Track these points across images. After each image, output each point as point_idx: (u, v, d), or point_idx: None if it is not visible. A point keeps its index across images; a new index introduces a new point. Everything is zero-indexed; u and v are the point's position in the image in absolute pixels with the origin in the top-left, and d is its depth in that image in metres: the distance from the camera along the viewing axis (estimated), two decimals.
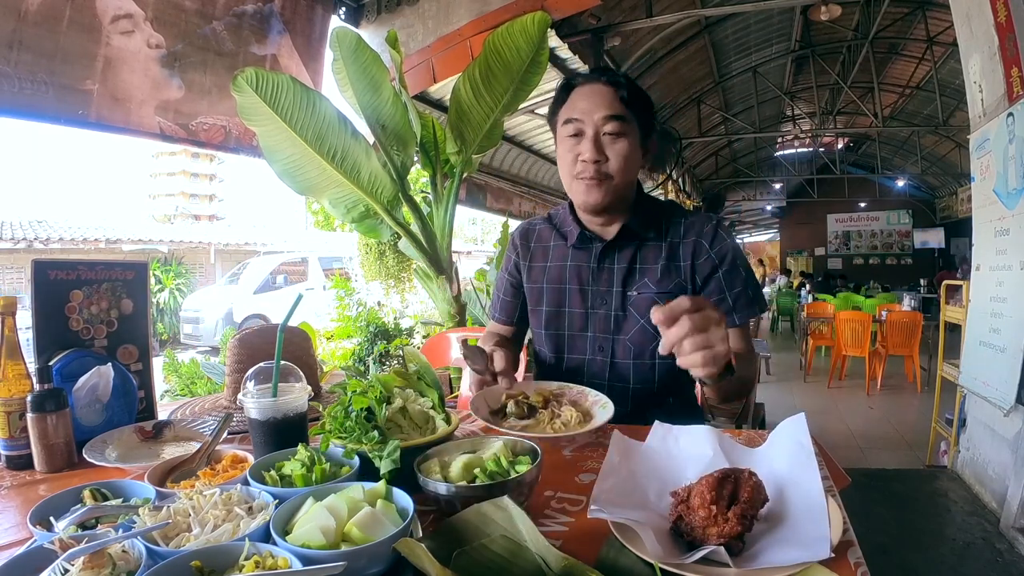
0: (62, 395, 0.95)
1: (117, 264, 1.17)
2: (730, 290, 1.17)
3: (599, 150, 1.13)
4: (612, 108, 1.13)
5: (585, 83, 1.17)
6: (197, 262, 14.35)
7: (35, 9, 2.23)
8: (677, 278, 1.19)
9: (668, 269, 1.19)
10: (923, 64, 8.08)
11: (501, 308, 1.41)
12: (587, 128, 1.14)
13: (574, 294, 1.26)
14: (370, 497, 0.63)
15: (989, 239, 2.83)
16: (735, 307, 1.17)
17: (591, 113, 1.13)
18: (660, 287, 1.19)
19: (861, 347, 5.67)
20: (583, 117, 1.14)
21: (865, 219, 15.32)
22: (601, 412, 1.00)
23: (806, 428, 0.75)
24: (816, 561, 0.54)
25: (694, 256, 1.19)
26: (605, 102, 1.13)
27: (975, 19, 2.78)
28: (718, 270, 1.17)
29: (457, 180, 2.92)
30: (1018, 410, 2.48)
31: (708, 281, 1.18)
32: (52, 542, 0.55)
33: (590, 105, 1.14)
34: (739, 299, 1.17)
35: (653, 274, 1.20)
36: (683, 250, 1.20)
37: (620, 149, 1.13)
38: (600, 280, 1.23)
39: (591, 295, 1.24)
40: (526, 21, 2.57)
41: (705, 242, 1.18)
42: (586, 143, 1.14)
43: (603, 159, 1.14)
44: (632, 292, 1.20)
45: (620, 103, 1.13)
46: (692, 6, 4.89)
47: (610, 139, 1.14)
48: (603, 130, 1.13)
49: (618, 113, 1.12)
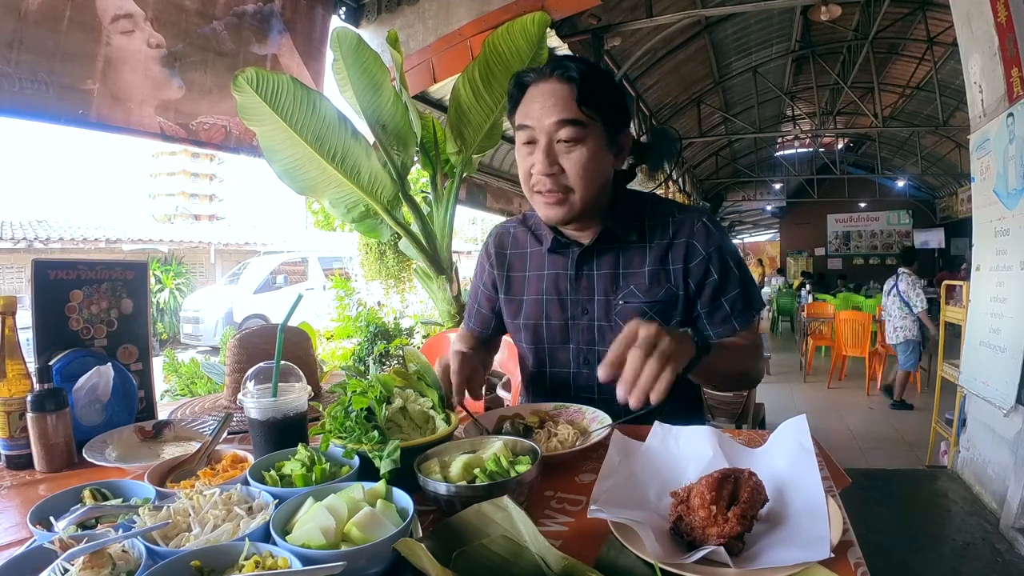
0: (62, 395, 0.95)
1: (117, 264, 1.17)
2: (726, 295, 1.09)
3: (552, 160, 1.00)
4: (565, 111, 0.98)
5: (537, 80, 1.03)
6: (197, 262, 14.36)
7: (35, 9, 2.23)
8: (667, 284, 1.09)
9: (657, 275, 1.09)
10: (923, 64, 8.08)
11: (476, 319, 1.31)
12: (539, 136, 1.01)
13: (553, 304, 1.16)
14: (370, 497, 0.63)
15: (989, 239, 2.83)
16: (733, 313, 1.09)
17: (541, 118, 1.00)
18: (649, 295, 1.09)
19: (861, 347, 5.67)
20: (534, 124, 1.01)
21: (865, 219, 15.33)
22: (599, 430, 0.96)
23: (807, 429, 0.75)
24: (816, 561, 0.54)
25: (686, 259, 1.08)
26: (558, 104, 0.99)
27: (975, 19, 2.78)
28: (712, 274, 1.08)
29: (457, 180, 2.92)
30: (1018, 410, 2.48)
31: (702, 287, 1.09)
32: (52, 542, 0.55)
33: (541, 109, 1.00)
34: (736, 304, 1.09)
35: (640, 280, 1.09)
36: (673, 253, 1.09)
37: (577, 158, 1.00)
38: (579, 288, 1.13)
39: (571, 304, 1.14)
40: (526, 21, 2.58)
41: (698, 243, 1.08)
42: (538, 153, 1.01)
43: (558, 171, 1.01)
44: (618, 301, 1.10)
45: (574, 104, 0.98)
46: (692, 6, 4.89)
47: (565, 147, 1.00)
48: (556, 137, 1.00)
49: (571, 117, 0.98)
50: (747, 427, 3.07)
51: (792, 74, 9.14)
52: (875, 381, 5.69)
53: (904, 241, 14.74)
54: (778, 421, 0.81)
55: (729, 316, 1.09)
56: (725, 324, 1.09)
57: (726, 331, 1.08)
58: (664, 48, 6.17)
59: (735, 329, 1.08)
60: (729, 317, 1.09)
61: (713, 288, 1.08)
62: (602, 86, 1.02)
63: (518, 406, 1.11)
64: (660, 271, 1.09)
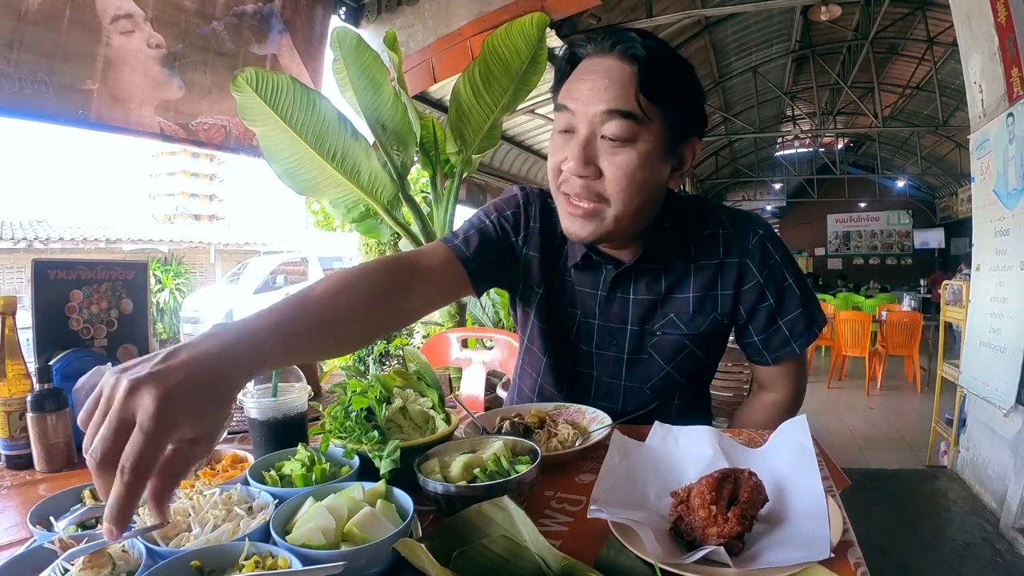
0: (62, 395, 0.95)
1: (117, 264, 1.17)
2: (784, 318, 0.93)
3: (589, 159, 0.79)
4: (619, 99, 0.77)
5: (593, 54, 0.82)
6: (197, 262, 14.35)
7: (35, 9, 2.23)
8: (713, 312, 0.93)
9: (702, 302, 0.92)
10: (923, 64, 8.08)
11: (465, 241, 0.96)
12: (579, 124, 0.80)
13: (581, 326, 0.98)
14: (370, 497, 0.63)
15: (989, 239, 2.83)
16: (792, 336, 0.94)
17: (588, 103, 0.79)
18: (692, 327, 0.93)
19: (861, 347, 5.68)
20: (576, 108, 0.80)
21: (865, 219, 15.33)
22: (599, 430, 0.95)
23: (807, 429, 0.75)
24: (816, 561, 0.54)
25: (738, 283, 0.92)
26: (611, 88, 0.77)
27: (975, 19, 2.78)
28: (767, 298, 0.93)
29: (457, 180, 2.92)
30: (1018, 410, 2.48)
31: (755, 312, 0.94)
32: (52, 542, 0.55)
33: (590, 91, 0.79)
34: (795, 325, 0.94)
35: (683, 309, 0.93)
36: (723, 276, 0.92)
37: (623, 163, 0.79)
38: (610, 314, 0.96)
39: (598, 332, 0.97)
40: (525, 22, 2.58)
41: (752, 264, 0.92)
42: (574, 146, 0.80)
43: (594, 174, 0.80)
44: (655, 331, 0.94)
45: (633, 92, 0.77)
46: (692, 6, 4.89)
47: (609, 145, 0.79)
48: (601, 131, 0.79)
49: (626, 108, 0.77)
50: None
51: (792, 74, 9.14)
52: (875, 381, 5.69)
53: (904, 241, 14.76)
54: None
55: (788, 340, 0.95)
56: (784, 348, 0.96)
57: (785, 354, 0.97)
58: None
59: (795, 353, 0.96)
60: (788, 341, 0.95)
61: (769, 313, 0.94)
62: (674, 74, 0.81)
63: (518, 406, 1.11)
64: (706, 297, 0.93)
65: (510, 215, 0.99)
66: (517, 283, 1.02)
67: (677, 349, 0.94)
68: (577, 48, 0.84)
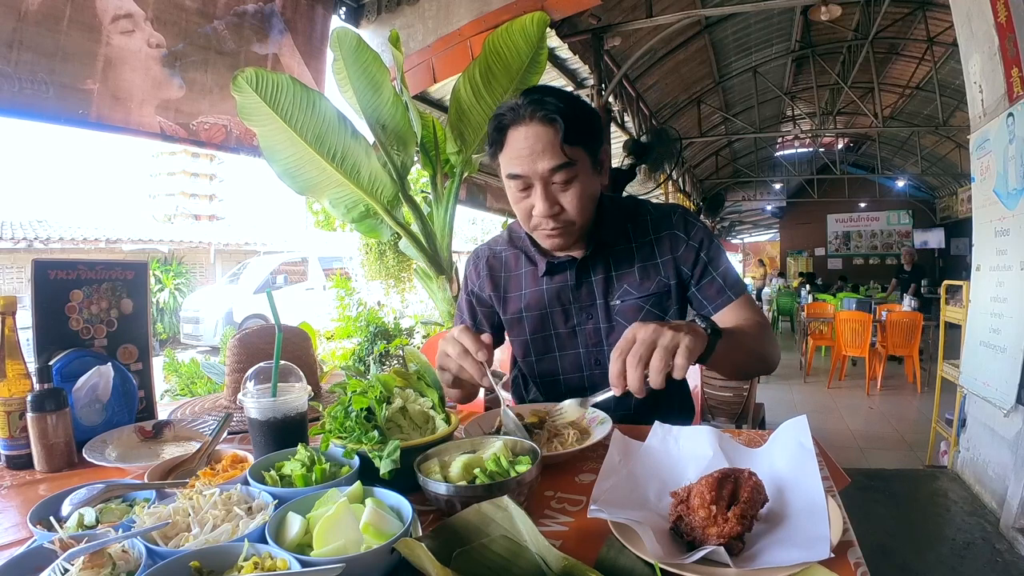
0: (62, 395, 0.95)
1: (117, 264, 1.17)
2: (717, 269, 1.15)
3: (552, 202, 1.03)
4: (555, 156, 0.99)
5: (518, 123, 1.01)
6: (197, 262, 14.35)
7: (35, 9, 2.23)
8: (657, 276, 1.16)
9: (646, 270, 1.16)
10: (923, 64, 8.08)
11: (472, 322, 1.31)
12: (534, 181, 1.02)
13: (557, 315, 1.21)
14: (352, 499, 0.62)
15: (989, 239, 2.83)
16: (726, 284, 1.15)
17: (533, 164, 1.00)
18: (642, 290, 1.16)
19: (861, 347, 5.68)
20: (526, 172, 1.02)
21: (865, 219, 15.33)
22: (599, 429, 0.96)
23: (807, 429, 0.75)
24: (816, 561, 0.54)
25: (672, 249, 1.16)
26: (547, 151, 0.99)
27: (975, 19, 2.78)
28: (701, 254, 1.15)
29: (457, 180, 2.92)
30: (1018, 410, 2.48)
31: (695, 267, 1.15)
32: (52, 542, 0.56)
33: (530, 156, 1.00)
34: (727, 276, 1.15)
35: (632, 279, 1.17)
36: (659, 247, 1.17)
37: (574, 194, 1.04)
38: (581, 296, 1.19)
39: (575, 311, 1.20)
40: (525, 21, 2.58)
41: (680, 232, 1.16)
42: (536, 198, 1.03)
43: (558, 210, 1.05)
44: (615, 301, 1.17)
45: (560, 147, 0.99)
46: (692, 6, 4.89)
47: (561, 187, 1.03)
48: (551, 180, 1.02)
49: (563, 162, 1.00)
50: (747, 427, 3.07)
51: (792, 74, 9.13)
52: (875, 381, 5.70)
53: (904, 241, 14.75)
54: (778, 421, 0.81)
55: (723, 288, 1.14)
56: (721, 296, 1.14)
57: (723, 302, 1.14)
58: (664, 48, 6.17)
59: (731, 299, 1.14)
60: (723, 288, 1.14)
61: (704, 266, 1.15)
62: (582, 118, 1.02)
63: (518, 406, 1.11)
64: (649, 266, 1.17)
65: (469, 283, 1.31)
66: (505, 315, 1.27)
67: (636, 310, 1.16)
68: (501, 119, 1.04)
